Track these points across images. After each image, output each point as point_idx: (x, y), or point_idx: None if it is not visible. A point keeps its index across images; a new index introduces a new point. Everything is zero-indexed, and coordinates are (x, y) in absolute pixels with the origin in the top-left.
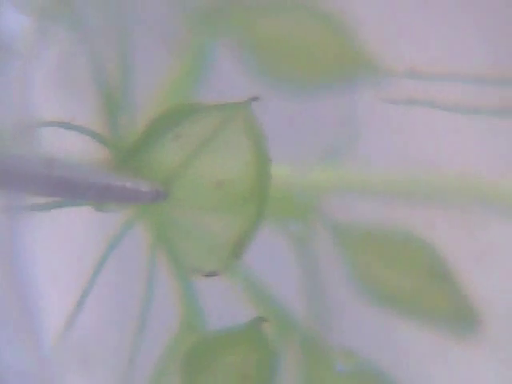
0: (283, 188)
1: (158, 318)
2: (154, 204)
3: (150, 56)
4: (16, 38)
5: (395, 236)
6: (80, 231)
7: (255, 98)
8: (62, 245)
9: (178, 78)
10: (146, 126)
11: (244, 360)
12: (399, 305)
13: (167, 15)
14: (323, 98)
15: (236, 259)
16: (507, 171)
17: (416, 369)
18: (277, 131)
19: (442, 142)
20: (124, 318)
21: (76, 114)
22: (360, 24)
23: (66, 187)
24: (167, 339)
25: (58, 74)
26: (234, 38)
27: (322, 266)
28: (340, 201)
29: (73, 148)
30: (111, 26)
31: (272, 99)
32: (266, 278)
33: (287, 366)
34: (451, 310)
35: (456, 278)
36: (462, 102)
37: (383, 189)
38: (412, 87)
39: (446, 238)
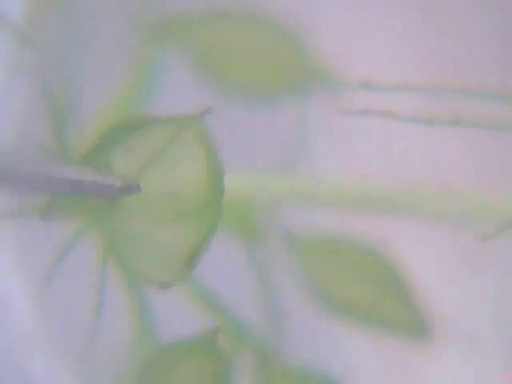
0: (236, 198)
1: (111, 330)
2: (123, 199)
3: (100, 69)
4: None
5: (350, 246)
6: (27, 243)
7: (208, 111)
8: (7, 257)
9: (128, 90)
10: (95, 138)
11: (199, 371)
12: (352, 314)
13: (117, 28)
14: (275, 107)
15: (189, 271)
16: (459, 179)
17: (366, 377)
18: (230, 141)
19: (396, 153)
20: (74, 332)
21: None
22: (314, 34)
23: (38, 182)
24: (120, 352)
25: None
26: (183, 48)
27: (276, 275)
28: (294, 211)
29: None
30: (59, 38)
31: (224, 109)
32: (219, 288)
33: (241, 375)
34: (401, 318)
35: (406, 286)
36: (416, 112)
37: (337, 199)
38: (366, 98)
39: (401, 248)
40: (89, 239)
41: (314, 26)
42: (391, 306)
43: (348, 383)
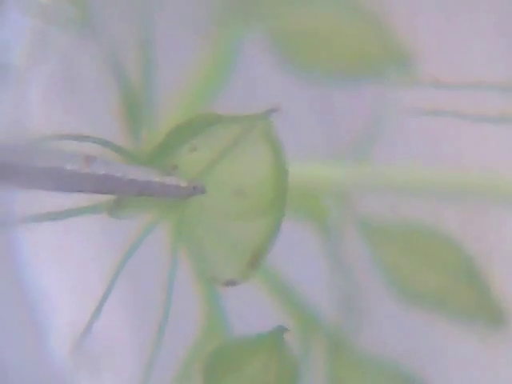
0: (309, 186)
1: (179, 322)
2: (189, 199)
3: (176, 51)
4: (15, 47)
5: (425, 234)
6: (95, 239)
7: (275, 110)
8: (75, 253)
9: (206, 71)
10: (162, 137)
11: (265, 369)
12: (427, 303)
13: (193, 8)
14: (352, 91)
15: (254, 269)
16: None
17: (441, 367)
18: (305, 126)
19: (467, 148)
20: (144, 323)
21: (85, 124)
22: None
23: (106, 184)
24: (188, 344)
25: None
26: (262, 29)
27: (350, 264)
28: (367, 198)
29: None
30: (131, 25)
31: (300, 93)
32: (292, 278)
33: (312, 370)
34: (477, 308)
35: (483, 276)
36: (487, 111)
37: (412, 187)
38: (437, 97)
39: (477, 237)
40: (158, 235)
41: (393, 11)
42: (468, 296)
43: (422, 375)
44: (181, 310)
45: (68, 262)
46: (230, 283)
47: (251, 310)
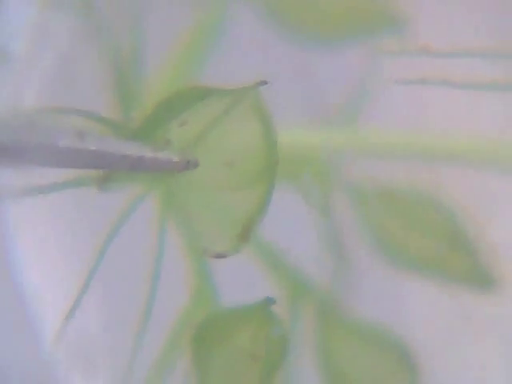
0: (296, 153)
1: (168, 293)
2: (181, 173)
3: (164, 21)
4: (16, 34)
5: (414, 197)
6: (83, 213)
7: (263, 82)
8: (61, 228)
9: (194, 40)
10: (151, 109)
11: (253, 340)
12: (417, 266)
13: None
14: (342, 52)
15: (244, 242)
16: None
17: (428, 333)
18: (291, 92)
19: (455, 115)
20: (133, 295)
21: (75, 98)
22: None
23: (99, 159)
24: (177, 315)
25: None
26: None
27: (339, 230)
28: (357, 162)
29: None
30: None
31: (290, 57)
32: (281, 248)
33: (302, 340)
34: (465, 272)
35: (470, 239)
36: (476, 78)
37: (401, 151)
38: (426, 65)
39: (466, 200)
40: (146, 207)
41: None
42: (456, 259)
43: (411, 338)
44: (170, 282)
45: (54, 237)
46: (221, 255)
47: (241, 280)
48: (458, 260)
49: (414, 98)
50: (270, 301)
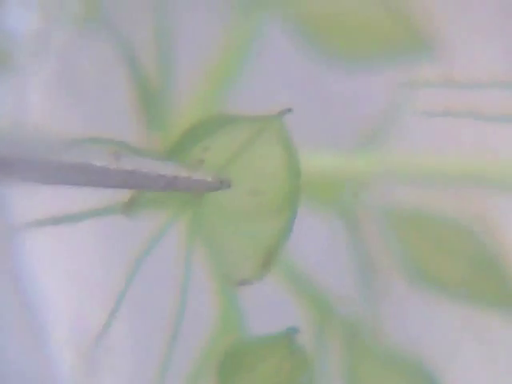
0: (325, 175)
1: (195, 321)
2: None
3: (193, 44)
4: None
5: (444, 222)
6: (110, 241)
7: (288, 110)
8: (88, 257)
9: (224, 64)
10: (177, 137)
11: (277, 372)
12: (447, 291)
13: None
14: (368, 77)
15: (267, 269)
16: None
17: (460, 360)
18: (319, 113)
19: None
20: (159, 323)
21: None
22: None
23: (135, 179)
24: (203, 343)
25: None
26: (284, 11)
27: (371, 253)
28: (384, 188)
29: None
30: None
31: (315, 75)
32: (309, 271)
33: (328, 367)
34: (497, 296)
35: (499, 265)
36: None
37: (429, 176)
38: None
39: (495, 225)
40: (173, 234)
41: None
42: (486, 282)
43: (439, 368)
44: (196, 309)
45: (81, 267)
46: (244, 283)
47: (268, 306)
48: (487, 285)
49: (441, 127)
50: (293, 331)
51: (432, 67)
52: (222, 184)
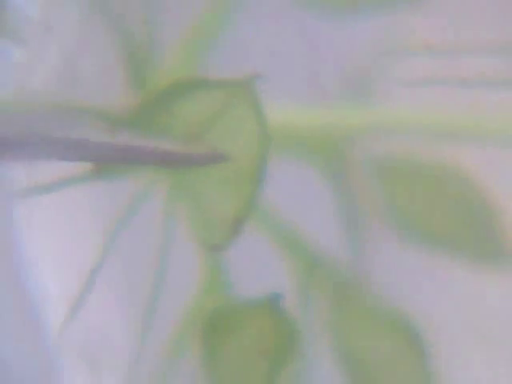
0: (315, 127)
1: (178, 284)
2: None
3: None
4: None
5: (432, 172)
6: (87, 208)
7: (258, 76)
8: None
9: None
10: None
11: (260, 336)
12: (435, 241)
13: None
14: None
15: (236, 234)
16: None
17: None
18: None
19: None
20: (140, 285)
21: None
22: None
23: (129, 154)
24: (187, 305)
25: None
26: None
27: (356, 206)
28: (374, 139)
29: None
30: None
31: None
32: (297, 225)
33: (316, 322)
34: (489, 246)
35: (494, 214)
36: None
37: (418, 127)
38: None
39: (484, 174)
40: (155, 197)
41: None
42: (474, 233)
43: (425, 319)
44: (179, 274)
45: (60, 233)
46: (216, 248)
47: (254, 264)
48: (475, 235)
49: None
50: (276, 296)
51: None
52: (217, 157)
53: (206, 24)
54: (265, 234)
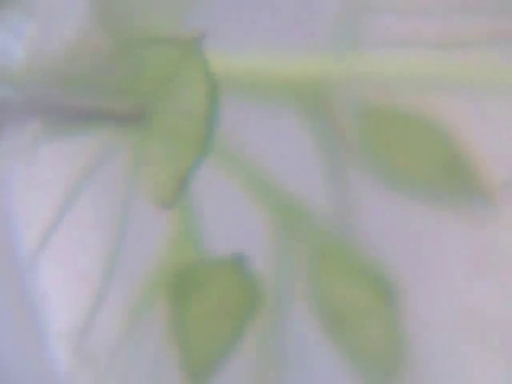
0: (297, 71)
1: (142, 240)
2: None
3: None
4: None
5: (412, 120)
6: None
7: (204, 35)
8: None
9: None
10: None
11: (224, 294)
12: (414, 189)
13: None
14: None
15: (179, 192)
16: None
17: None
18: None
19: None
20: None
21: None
22: None
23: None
24: (153, 261)
25: None
26: None
27: (339, 156)
28: (352, 88)
29: None
30: None
31: None
32: (279, 175)
33: (293, 280)
34: (465, 194)
35: (469, 162)
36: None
37: (400, 76)
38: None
39: (460, 123)
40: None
41: None
42: (452, 180)
43: (400, 270)
44: (144, 230)
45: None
46: (164, 206)
47: (228, 217)
48: (453, 182)
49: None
50: (240, 258)
51: None
52: (143, 113)
53: None
54: (239, 184)
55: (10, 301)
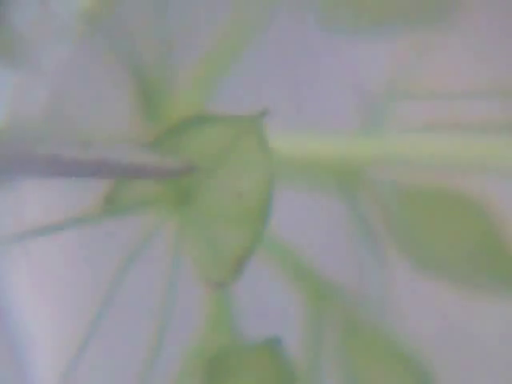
0: (328, 157)
1: (183, 322)
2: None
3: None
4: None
5: (448, 200)
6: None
7: (266, 112)
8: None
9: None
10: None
11: (260, 379)
12: (451, 271)
13: None
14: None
15: (239, 273)
16: None
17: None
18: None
19: None
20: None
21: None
22: None
23: (101, 168)
24: (192, 342)
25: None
26: None
27: (368, 236)
28: (388, 168)
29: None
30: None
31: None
32: (307, 256)
33: (325, 348)
34: (504, 275)
35: (506, 243)
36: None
37: (431, 156)
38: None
39: (499, 204)
40: (163, 235)
41: None
42: (486, 260)
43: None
44: (184, 311)
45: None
46: (219, 286)
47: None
48: (492, 264)
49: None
50: (275, 342)
51: None
52: (189, 169)
53: (217, 59)
54: (274, 267)
55: None
